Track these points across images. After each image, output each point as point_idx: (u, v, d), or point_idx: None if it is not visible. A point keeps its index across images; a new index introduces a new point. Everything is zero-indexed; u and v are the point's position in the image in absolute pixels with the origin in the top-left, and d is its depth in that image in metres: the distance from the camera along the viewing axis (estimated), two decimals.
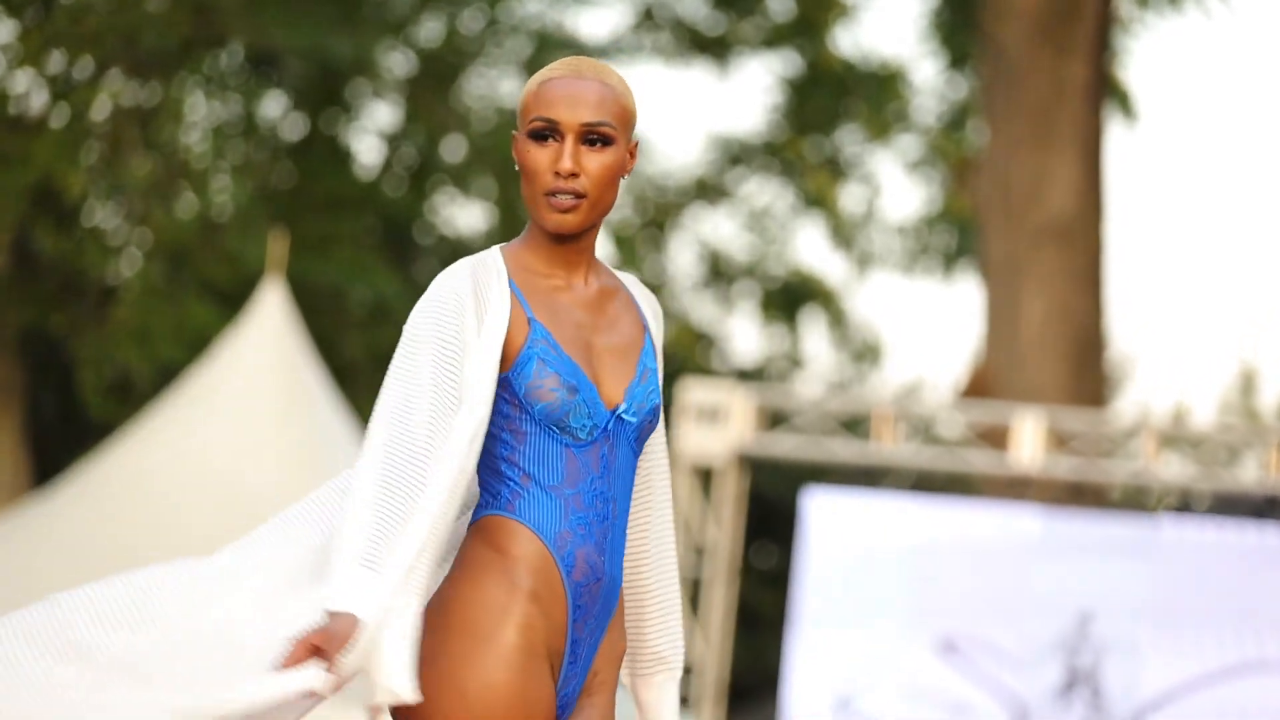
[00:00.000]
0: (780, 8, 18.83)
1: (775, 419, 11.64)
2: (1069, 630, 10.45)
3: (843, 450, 11.29)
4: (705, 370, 20.42)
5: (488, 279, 3.25)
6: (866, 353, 23.10)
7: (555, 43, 17.78)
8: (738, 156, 20.67)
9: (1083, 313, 12.89)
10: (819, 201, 20.98)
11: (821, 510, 10.84)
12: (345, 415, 10.59)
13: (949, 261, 20.84)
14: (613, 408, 3.30)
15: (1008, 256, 12.97)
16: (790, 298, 22.08)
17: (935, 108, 19.42)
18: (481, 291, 3.23)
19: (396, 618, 3.04)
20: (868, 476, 12.23)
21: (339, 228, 17.00)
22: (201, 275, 15.50)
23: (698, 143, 33.94)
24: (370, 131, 18.76)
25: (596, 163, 3.27)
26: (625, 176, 3.33)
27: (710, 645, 11.24)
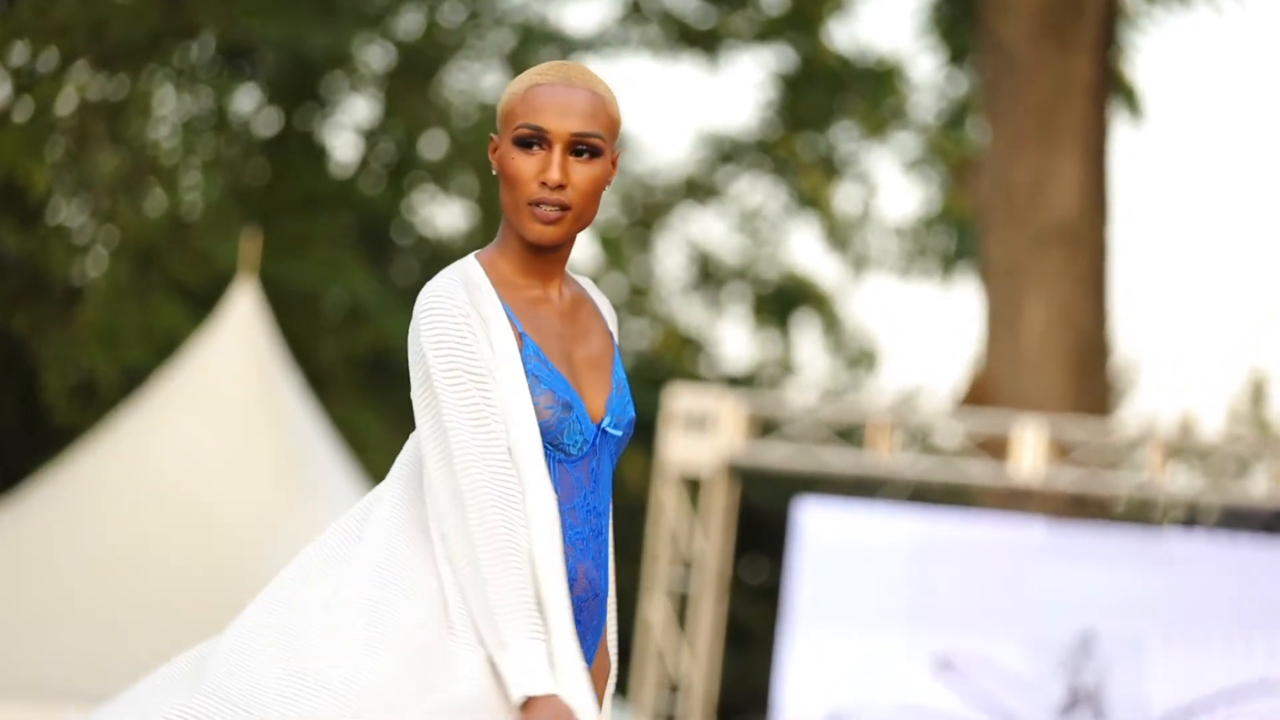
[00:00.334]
0: (773, 0, 18.91)
1: (766, 427, 11.59)
2: (1071, 648, 10.42)
3: (836, 460, 11.28)
4: (693, 377, 20.52)
5: (479, 297, 3.24)
6: (862, 359, 23.23)
7: (539, 36, 18.03)
8: (728, 154, 20.77)
9: (1086, 318, 12.89)
10: (813, 201, 21.09)
11: (814, 523, 10.87)
12: (319, 422, 10.62)
13: (948, 264, 20.90)
14: (597, 421, 3.32)
15: (1008, 259, 12.98)
16: (782, 301, 22.17)
17: (934, 105, 19.50)
18: (480, 310, 3.23)
19: (578, 675, 3.13)
20: (862, 487, 12.35)
21: (314, 227, 17.11)
22: (170, 275, 15.58)
23: (687, 140, 34.70)
24: (347, 127, 18.89)
25: (584, 174, 3.27)
26: (607, 187, 3.35)
27: (698, 662, 11.25)
